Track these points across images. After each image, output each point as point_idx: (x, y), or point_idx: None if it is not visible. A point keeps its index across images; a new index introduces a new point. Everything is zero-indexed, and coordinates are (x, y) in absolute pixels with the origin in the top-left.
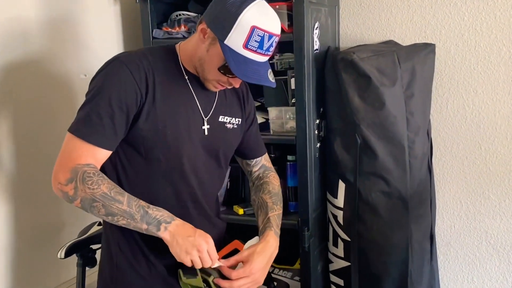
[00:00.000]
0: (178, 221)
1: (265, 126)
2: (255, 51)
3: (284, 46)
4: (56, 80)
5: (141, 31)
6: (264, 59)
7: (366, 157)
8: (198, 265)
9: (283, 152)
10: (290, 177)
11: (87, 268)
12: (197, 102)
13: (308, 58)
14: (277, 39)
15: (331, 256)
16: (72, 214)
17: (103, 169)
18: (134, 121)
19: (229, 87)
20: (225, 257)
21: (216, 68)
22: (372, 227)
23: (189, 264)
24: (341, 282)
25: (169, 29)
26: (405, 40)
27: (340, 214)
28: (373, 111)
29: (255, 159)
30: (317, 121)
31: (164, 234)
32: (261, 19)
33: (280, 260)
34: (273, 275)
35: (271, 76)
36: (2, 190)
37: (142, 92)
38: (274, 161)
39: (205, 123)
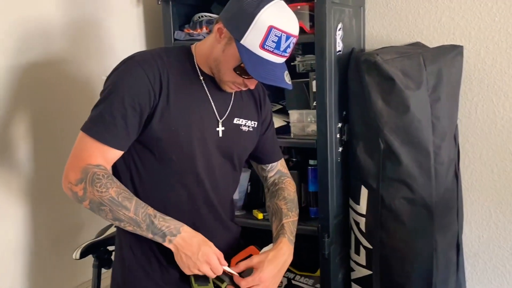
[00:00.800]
0: (184, 234)
1: (286, 129)
2: (271, 52)
3: (306, 47)
4: (77, 81)
5: (163, 32)
6: (281, 60)
7: (389, 163)
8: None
9: (305, 156)
10: (311, 182)
11: (103, 270)
12: (212, 103)
13: (330, 60)
14: (294, 40)
15: (353, 264)
16: (90, 215)
17: (116, 171)
18: (147, 122)
19: (245, 89)
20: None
21: (232, 69)
22: (395, 235)
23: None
24: None
25: (191, 31)
26: (432, 42)
27: (362, 221)
28: (397, 115)
29: (270, 164)
30: (339, 125)
31: (169, 245)
32: (278, 19)
33: (302, 266)
34: (293, 282)
35: (287, 78)
36: (21, 191)
37: (155, 92)
38: (295, 166)
39: (220, 125)
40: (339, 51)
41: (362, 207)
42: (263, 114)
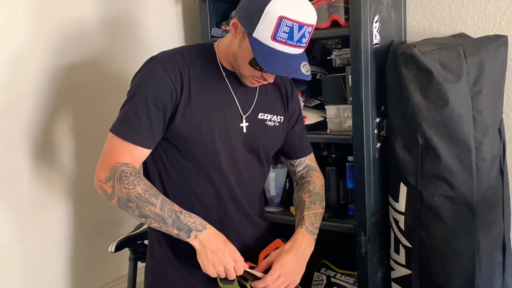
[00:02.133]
0: (209, 231)
1: (323, 125)
2: (285, 43)
3: (342, 41)
4: (116, 80)
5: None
6: (298, 51)
7: (428, 159)
8: (222, 275)
9: (344, 152)
10: (349, 178)
11: (140, 264)
12: (236, 99)
13: (366, 53)
14: (310, 29)
15: (392, 263)
16: None
17: (147, 170)
18: (171, 119)
19: (264, 83)
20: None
21: (248, 63)
22: (434, 233)
23: (213, 276)
24: None
25: (228, 27)
26: (477, 33)
27: (401, 219)
28: (436, 109)
29: (299, 160)
30: (377, 120)
31: (194, 242)
32: (289, 9)
33: (343, 264)
34: (333, 280)
35: (304, 69)
36: (63, 189)
37: (177, 90)
38: (334, 162)
39: (244, 121)
40: (376, 44)
41: (401, 205)
42: (290, 109)
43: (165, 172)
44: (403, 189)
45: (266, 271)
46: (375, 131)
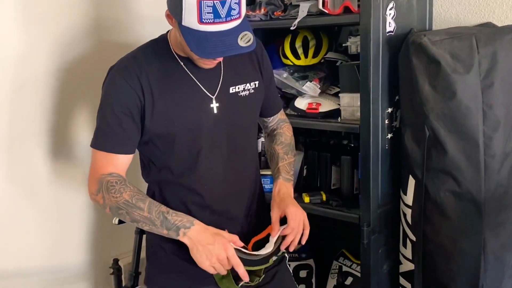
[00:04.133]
0: (197, 226)
1: (335, 113)
2: (213, 23)
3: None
4: None
5: None
6: (232, 24)
7: (435, 152)
8: (222, 272)
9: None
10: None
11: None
12: (199, 84)
13: (377, 41)
14: None
15: (401, 257)
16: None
17: (146, 172)
18: (142, 123)
19: (216, 62)
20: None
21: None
22: (439, 229)
23: (211, 272)
24: (408, 285)
25: (250, 12)
26: (505, 22)
27: (409, 213)
28: (443, 101)
29: (272, 117)
30: (389, 110)
31: (183, 239)
32: None
33: (356, 254)
34: (345, 269)
35: (243, 41)
36: (81, 180)
37: (139, 94)
38: (350, 151)
39: (214, 101)
40: (390, 31)
41: (409, 198)
42: (264, 69)
43: (157, 172)
44: (411, 182)
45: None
46: (386, 121)
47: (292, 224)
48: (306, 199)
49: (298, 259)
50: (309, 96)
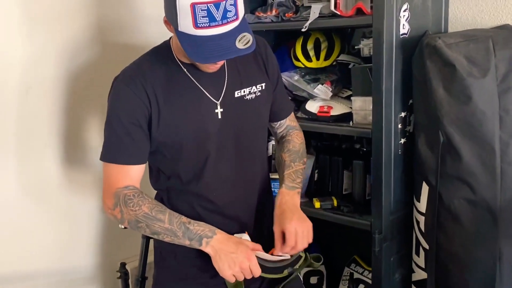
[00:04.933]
0: (219, 235)
1: (347, 117)
2: (209, 27)
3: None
4: None
5: None
6: (228, 27)
7: (449, 158)
8: (240, 278)
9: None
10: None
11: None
12: (203, 90)
13: (390, 43)
14: (229, 1)
15: (413, 265)
16: None
17: (156, 180)
18: (149, 132)
19: (218, 66)
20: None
21: None
22: (453, 238)
23: (232, 280)
24: None
25: (261, 14)
26: None
27: (422, 220)
28: (458, 106)
29: (279, 122)
30: (402, 114)
31: (206, 249)
32: None
33: (369, 261)
34: (357, 276)
35: (241, 43)
36: (92, 184)
37: (145, 103)
38: (363, 156)
39: (218, 107)
40: (404, 34)
41: (422, 205)
42: (270, 71)
43: (165, 179)
44: (425, 189)
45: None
46: (399, 126)
47: (290, 243)
48: (317, 204)
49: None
50: (320, 99)
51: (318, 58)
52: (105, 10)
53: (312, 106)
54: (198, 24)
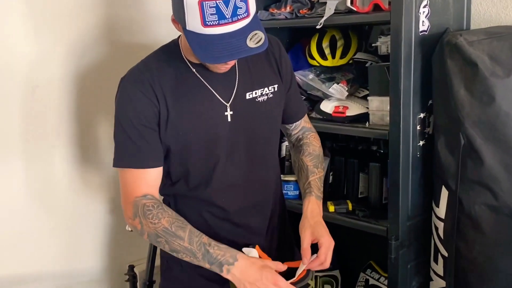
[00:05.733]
0: (241, 262)
1: (363, 117)
2: (218, 25)
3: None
4: None
5: None
6: (239, 25)
7: (471, 162)
8: None
9: None
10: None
11: None
12: (213, 91)
13: (409, 41)
14: None
15: (432, 273)
16: None
17: (162, 181)
18: (159, 133)
19: (229, 66)
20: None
21: None
22: (473, 245)
23: None
24: None
25: (275, 10)
26: None
27: (441, 226)
28: (480, 107)
29: (294, 124)
30: (421, 115)
31: (227, 276)
32: None
33: (385, 266)
34: (372, 282)
35: (252, 41)
36: (97, 188)
37: (155, 103)
38: (380, 158)
39: (228, 109)
40: (424, 31)
41: (442, 210)
42: (283, 72)
43: (170, 185)
44: (444, 193)
45: None
46: (418, 127)
47: (323, 258)
48: (331, 208)
49: (323, 270)
50: (335, 99)
51: (333, 57)
52: (113, 9)
53: (327, 106)
54: (207, 22)
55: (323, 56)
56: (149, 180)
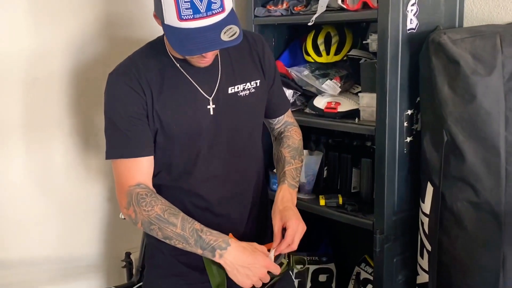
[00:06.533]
0: (233, 246)
1: (355, 113)
2: (193, 19)
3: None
4: None
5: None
6: (214, 19)
7: (453, 159)
8: (259, 285)
9: None
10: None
11: None
12: (196, 85)
13: (396, 38)
14: None
15: (418, 268)
16: None
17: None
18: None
19: (208, 59)
20: None
21: None
22: (456, 241)
23: (246, 287)
24: None
25: (272, 7)
26: None
27: (426, 222)
28: (462, 104)
29: (277, 118)
30: (409, 112)
31: (220, 261)
32: None
33: None
34: (365, 275)
35: (227, 35)
36: (95, 176)
37: (141, 95)
38: (372, 153)
39: (210, 103)
40: (412, 29)
41: (427, 206)
42: (266, 67)
43: (153, 175)
44: (429, 189)
45: None
46: (405, 124)
47: (289, 240)
48: (322, 202)
49: (318, 262)
50: (328, 95)
51: (328, 53)
52: (112, 5)
53: (319, 102)
54: (182, 16)
55: (318, 52)
56: (141, 169)
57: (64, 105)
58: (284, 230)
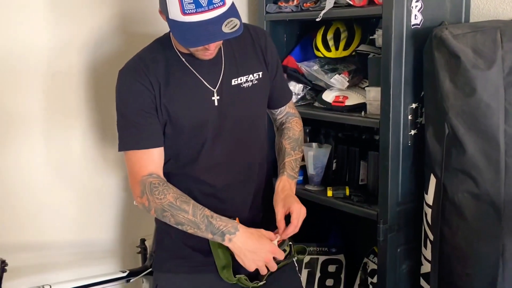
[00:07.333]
0: (242, 231)
1: (363, 107)
2: (196, 13)
3: None
4: None
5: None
6: (215, 13)
7: (454, 151)
8: (264, 272)
9: None
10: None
11: None
12: (201, 78)
13: (400, 34)
14: None
15: (422, 258)
16: None
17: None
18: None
19: (211, 51)
20: None
21: None
22: (457, 231)
23: (252, 270)
24: (427, 287)
25: (283, 4)
26: None
27: (429, 212)
28: (463, 98)
29: (279, 109)
30: (413, 106)
31: (229, 245)
32: None
33: None
34: (373, 266)
35: (228, 27)
36: (112, 164)
37: (151, 91)
38: (379, 146)
39: (215, 94)
40: (416, 24)
41: (430, 197)
42: (268, 60)
43: (167, 164)
44: (432, 181)
45: None
46: (409, 117)
47: (295, 222)
48: (329, 193)
49: (328, 253)
50: (337, 89)
51: (337, 48)
52: (128, 2)
53: (328, 96)
54: (185, 11)
55: (327, 48)
56: (152, 159)
57: (82, 98)
58: (286, 217)
